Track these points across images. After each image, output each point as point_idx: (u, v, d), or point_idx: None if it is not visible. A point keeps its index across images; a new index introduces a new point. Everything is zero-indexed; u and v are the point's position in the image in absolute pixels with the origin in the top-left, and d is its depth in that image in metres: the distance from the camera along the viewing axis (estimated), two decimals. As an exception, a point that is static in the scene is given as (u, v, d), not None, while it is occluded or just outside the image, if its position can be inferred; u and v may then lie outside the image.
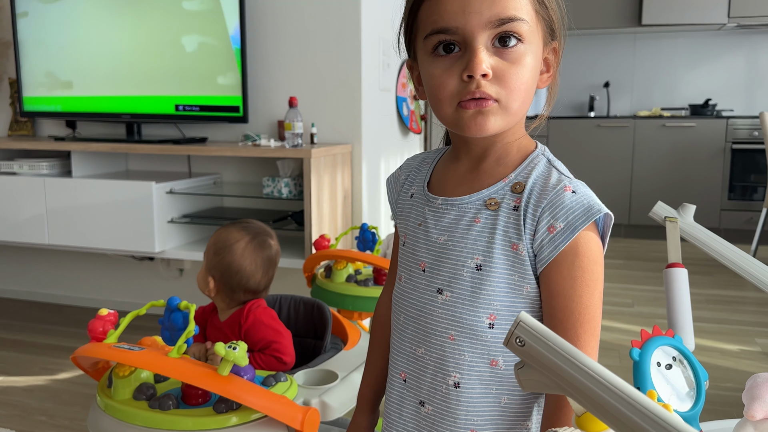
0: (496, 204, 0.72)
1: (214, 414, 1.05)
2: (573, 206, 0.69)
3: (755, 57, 4.86)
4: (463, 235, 0.73)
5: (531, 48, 0.69)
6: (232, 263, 1.34)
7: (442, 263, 0.75)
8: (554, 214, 0.69)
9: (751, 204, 4.44)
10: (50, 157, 2.74)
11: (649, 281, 3.48)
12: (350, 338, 1.46)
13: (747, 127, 4.42)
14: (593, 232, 0.70)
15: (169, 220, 2.52)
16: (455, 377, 0.73)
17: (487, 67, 0.67)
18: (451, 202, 0.76)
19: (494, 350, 0.72)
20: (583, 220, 0.68)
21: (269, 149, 2.37)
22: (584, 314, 0.69)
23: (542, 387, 0.42)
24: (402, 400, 0.80)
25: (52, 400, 2.10)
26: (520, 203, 0.71)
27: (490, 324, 0.71)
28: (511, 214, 0.71)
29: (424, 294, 0.76)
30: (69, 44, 2.76)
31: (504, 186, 0.73)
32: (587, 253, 0.69)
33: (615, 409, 0.38)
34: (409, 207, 0.82)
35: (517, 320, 0.42)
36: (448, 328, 0.73)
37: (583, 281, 0.69)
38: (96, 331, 1.14)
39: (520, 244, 0.70)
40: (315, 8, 2.58)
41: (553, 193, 0.70)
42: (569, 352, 0.41)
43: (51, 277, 3.14)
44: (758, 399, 0.75)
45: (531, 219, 0.70)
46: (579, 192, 0.70)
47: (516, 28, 0.68)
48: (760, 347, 2.51)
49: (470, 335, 0.72)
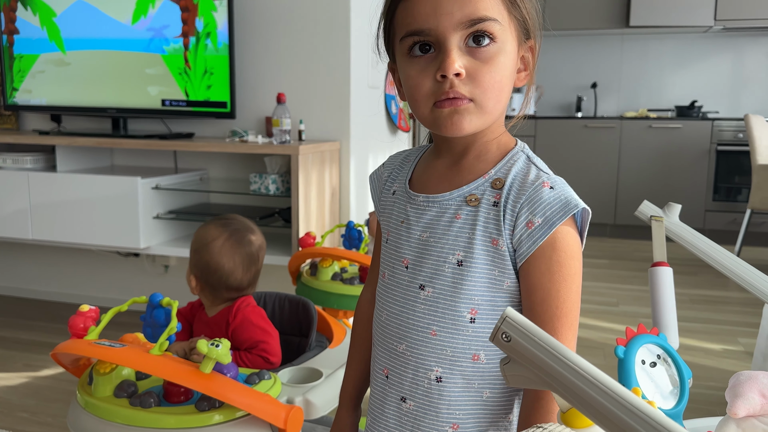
0: (477, 200, 0.73)
1: (197, 412, 1.04)
2: (551, 202, 0.70)
3: (741, 59, 4.90)
4: (445, 232, 0.74)
5: (504, 47, 0.70)
6: (210, 261, 1.33)
7: (424, 260, 0.75)
8: (532, 210, 0.70)
9: (736, 205, 4.48)
10: (34, 152, 2.70)
11: (634, 281, 3.50)
12: (335, 336, 1.45)
13: (732, 129, 4.46)
14: (571, 227, 0.71)
15: (155, 216, 2.50)
16: (437, 372, 0.74)
17: (459, 66, 0.68)
18: (432, 199, 0.77)
19: (476, 344, 0.73)
20: (561, 215, 0.69)
21: (257, 145, 2.36)
22: (561, 308, 0.70)
23: (528, 383, 0.42)
24: (384, 396, 0.80)
25: (35, 397, 2.07)
26: (500, 199, 0.72)
27: (472, 318, 0.72)
28: (491, 210, 0.72)
29: (407, 290, 0.76)
30: (54, 38, 2.72)
31: (484, 182, 0.74)
32: (565, 247, 0.70)
33: (600, 405, 0.38)
34: (391, 204, 0.83)
35: (504, 316, 0.42)
36: (430, 323, 0.74)
37: (561, 275, 0.70)
38: (77, 328, 1.12)
39: (500, 239, 0.71)
40: (304, 4, 2.57)
41: (532, 189, 0.71)
42: (555, 347, 0.40)
43: (34, 272, 3.11)
44: (741, 396, 0.75)
45: (510, 214, 0.71)
46: (557, 188, 0.71)
47: (487, 27, 0.69)
48: (743, 347, 2.53)
49: (452, 330, 0.73)
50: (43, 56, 2.76)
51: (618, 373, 0.87)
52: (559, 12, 4.76)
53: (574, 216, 0.71)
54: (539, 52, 0.77)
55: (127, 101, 2.68)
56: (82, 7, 2.67)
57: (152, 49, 2.60)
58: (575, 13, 4.79)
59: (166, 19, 2.57)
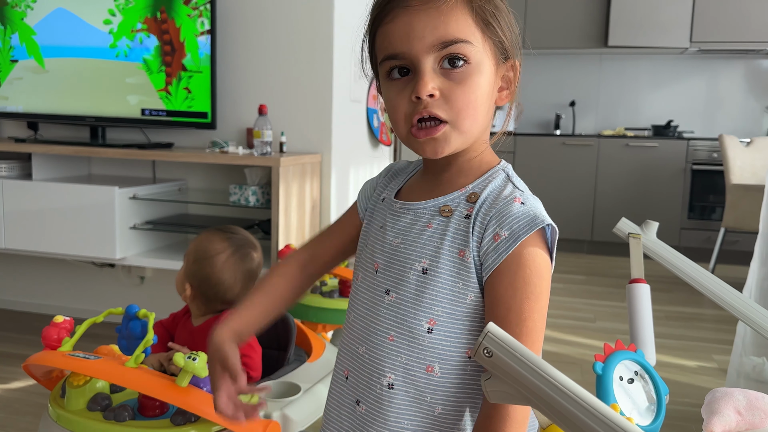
0: (450, 211, 0.74)
1: (172, 426, 1.02)
2: (519, 216, 0.70)
3: (715, 81, 5.01)
4: (415, 239, 0.75)
5: (479, 68, 0.72)
6: (211, 275, 1.31)
7: (393, 265, 0.76)
8: (500, 223, 0.71)
9: (710, 223, 4.56)
10: (10, 159, 2.66)
11: (610, 297, 3.53)
12: (314, 350, 1.44)
13: (707, 148, 4.54)
14: (539, 246, 0.71)
15: (132, 227, 2.47)
16: (390, 378, 0.74)
17: (433, 88, 0.70)
18: (407, 206, 0.78)
19: (430, 356, 0.72)
20: (527, 229, 0.69)
21: (237, 156, 2.35)
22: (522, 326, 0.69)
23: (509, 398, 0.42)
24: (341, 398, 0.80)
25: (4, 410, 2.02)
26: (472, 212, 0.73)
27: (429, 329, 0.72)
28: (462, 222, 0.73)
29: (374, 294, 0.78)
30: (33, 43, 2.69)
31: (460, 195, 0.75)
32: (530, 264, 0.70)
33: (580, 421, 0.38)
34: (376, 210, 0.84)
35: (486, 331, 0.42)
36: (389, 328, 0.75)
37: (524, 292, 0.69)
38: (50, 339, 1.10)
39: (467, 251, 0.71)
40: (287, 16, 2.57)
41: (503, 203, 0.72)
42: (537, 364, 0.40)
43: (7, 282, 3.04)
44: (717, 413, 0.76)
45: (479, 227, 0.72)
46: (527, 204, 0.72)
47: (460, 50, 0.70)
48: (717, 363, 2.56)
49: (409, 338, 0.73)
50: (21, 63, 2.72)
51: (596, 389, 0.87)
52: (539, 31, 4.84)
53: (543, 236, 0.72)
54: (521, 71, 0.78)
55: (106, 110, 2.65)
56: (61, 14, 2.65)
57: (132, 58, 2.59)
58: (554, 33, 4.87)
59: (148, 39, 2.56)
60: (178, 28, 2.53)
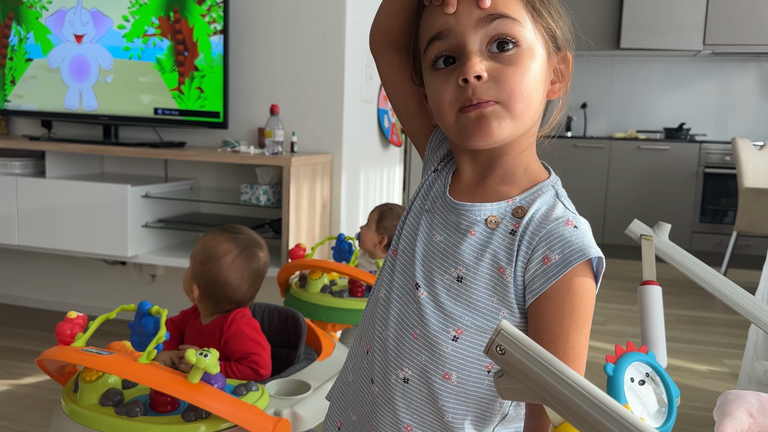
0: (496, 223, 0.70)
1: (183, 422, 1.03)
2: (572, 240, 0.66)
3: (728, 84, 4.98)
4: (455, 242, 0.71)
5: (531, 52, 0.68)
6: (219, 276, 1.32)
7: (428, 260, 0.73)
8: (551, 245, 0.67)
9: (722, 227, 4.53)
10: (24, 157, 2.69)
11: (621, 300, 3.52)
12: (324, 349, 1.45)
13: (719, 151, 4.51)
14: (588, 273, 0.68)
15: (144, 225, 2.48)
16: (406, 373, 0.72)
17: (480, 69, 0.65)
18: (454, 205, 0.73)
19: (450, 364, 0.70)
20: (579, 255, 0.66)
21: (248, 156, 2.36)
22: (570, 353, 0.66)
23: (522, 396, 0.42)
24: (359, 369, 0.78)
25: (15, 405, 2.04)
26: (518, 228, 0.69)
27: (455, 337, 0.69)
28: (507, 237, 0.69)
29: (407, 281, 0.74)
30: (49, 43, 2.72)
31: (507, 207, 0.71)
32: (580, 291, 0.67)
33: (595, 420, 0.38)
34: (431, 181, 0.79)
35: (498, 328, 0.42)
36: (415, 325, 0.72)
37: (572, 320, 0.66)
38: (64, 334, 1.11)
39: (508, 269, 0.68)
40: (299, 17, 2.58)
41: (554, 224, 0.68)
42: (550, 361, 0.40)
43: (20, 278, 3.07)
44: (729, 416, 0.76)
45: (526, 247, 0.68)
46: (581, 228, 0.68)
47: (508, 29, 0.66)
48: (728, 368, 2.55)
49: (432, 341, 0.70)
50: (36, 61, 2.75)
51: (607, 390, 0.87)
52: (551, 32, 4.82)
53: (591, 263, 0.68)
54: (573, 66, 0.73)
55: (119, 109, 2.67)
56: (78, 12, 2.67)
57: (145, 57, 2.60)
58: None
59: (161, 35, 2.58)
60: (191, 28, 2.54)
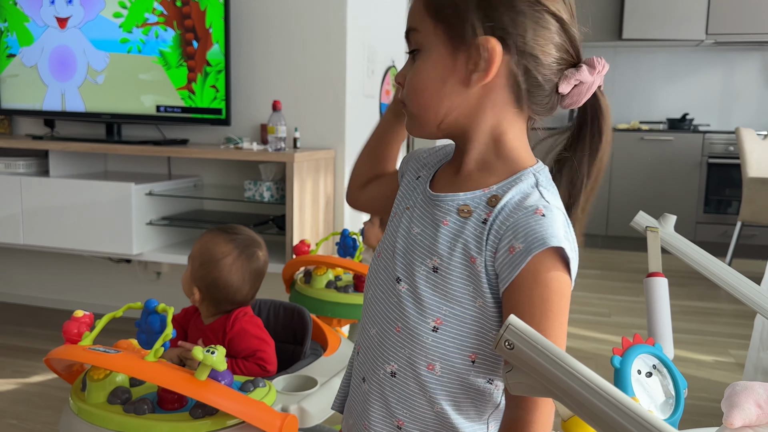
0: (468, 212, 0.71)
1: (191, 419, 1.03)
2: (536, 228, 0.66)
3: (731, 73, 4.96)
4: (431, 233, 0.73)
5: (427, 53, 0.72)
6: (219, 278, 1.31)
7: (407, 254, 0.75)
8: (516, 234, 0.67)
9: (726, 217, 4.51)
10: (27, 156, 2.69)
11: (625, 291, 3.51)
12: (330, 344, 1.45)
13: (723, 142, 4.50)
14: (555, 263, 0.67)
15: (148, 222, 2.49)
16: (393, 367, 0.74)
17: (399, 76, 0.76)
18: (432, 197, 0.75)
19: (432, 354, 0.71)
20: (539, 244, 0.65)
21: (252, 152, 2.36)
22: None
23: (530, 390, 0.42)
24: (354, 371, 0.82)
25: (24, 404, 2.05)
26: (490, 217, 0.69)
27: (435, 327, 0.71)
28: (478, 227, 0.70)
29: (389, 278, 0.76)
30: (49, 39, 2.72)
31: (482, 195, 0.71)
32: (548, 282, 0.66)
33: (603, 413, 0.38)
34: (412, 186, 0.82)
35: (507, 323, 0.42)
36: (397, 319, 0.74)
37: (542, 311, 0.66)
38: (71, 333, 1.11)
39: (479, 258, 0.69)
40: (301, 12, 2.58)
41: (523, 213, 0.68)
42: (558, 355, 0.40)
43: (25, 278, 3.08)
44: (737, 407, 0.76)
45: (494, 236, 0.68)
46: (548, 217, 0.67)
47: (412, 38, 0.74)
48: (734, 358, 2.54)
49: (413, 333, 0.72)
50: (18, 57, 2.75)
51: (614, 382, 0.87)
52: (553, 24, 4.79)
53: (561, 254, 0.67)
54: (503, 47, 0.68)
55: (122, 107, 2.67)
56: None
57: (146, 51, 2.59)
58: (569, 26, 4.83)
59: (163, 33, 2.57)
60: (203, 12, 2.44)
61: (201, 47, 2.51)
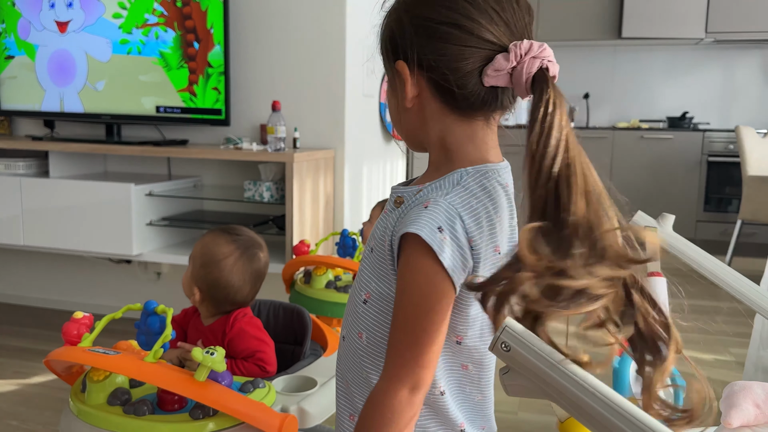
0: (401, 203, 0.78)
1: (190, 420, 1.03)
2: (409, 216, 0.72)
3: (731, 71, 4.95)
4: (379, 221, 0.81)
5: (388, 86, 0.81)
6: (220, 279, 1.32)
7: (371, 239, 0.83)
8: (402, 220, 0.74)
9: (726, 216, 4.51)
10: (27, 157, 2.69)
11: (626, 291, 3.51)
12: (330, 344, 1.45)
13: (723, 140, 4.49)
14: (420, 253, 0.70)
15: (148, 223, 2.49)
16: (343, 332, 0.84)
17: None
18: (392, 190, 0.83)
19: (361, 324, 0.79)
20: (401, 230, 0.71)
21: (251, 153, 2.36)
22: (396, 322, 0.72)
23: (527, 392, 0.42)
24: None
25: (24, 405, 2.05)
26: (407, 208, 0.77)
27: (365, 300, 0.79)
28: (400, 216, 0.77)
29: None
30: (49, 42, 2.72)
31: (415, 189, 0.78)
32: (408, 271, 0.71)
33: (599, 414, 0.38)
34: None
35: (504, 325, 0.42)
36: (354, 293, 0.83)
37: (401, 287, 0.72)
38: (70, 335, 1.11)
39: (387, 239, 0.76)
40: (299, 12, 2.57)
41: (415, 202, 0.75)
42: (554, 358, 0.40)
43: (25, 278, 3.08)
44: (735, 407, 0.76)
45: (396, 224, 0.76)
46: (429, 209, 0.71)
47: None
48: (734, 357, 2.54)
49: (353, 303, 0.81)
50: (17, 58, 2.75)
51: (612, 383, 0.87)
52: (552, 23, 4.80)
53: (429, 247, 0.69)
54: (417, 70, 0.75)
55: (121, 108, 2.67)
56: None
57: (146, 52, 2.59)
58: (568, 24, 4.83)
59: (164, 34, 2.56)
60: (204, 13, 2.44)
61: (202, 48, 2.51)
